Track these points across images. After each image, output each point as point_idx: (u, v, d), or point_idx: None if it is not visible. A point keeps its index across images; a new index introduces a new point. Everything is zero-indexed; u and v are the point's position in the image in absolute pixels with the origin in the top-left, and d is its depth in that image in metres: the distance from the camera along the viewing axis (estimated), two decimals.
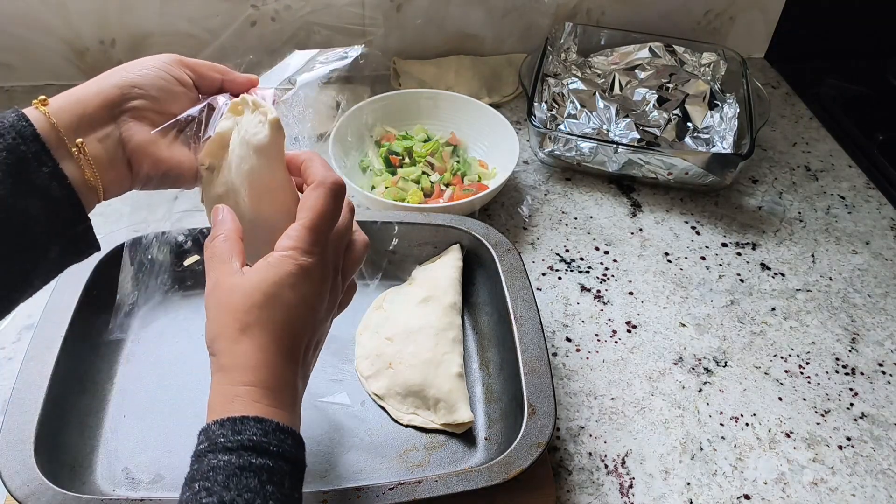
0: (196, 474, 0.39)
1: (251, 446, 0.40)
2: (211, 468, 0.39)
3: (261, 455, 0.40)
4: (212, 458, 0.39)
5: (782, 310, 0.81)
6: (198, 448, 0.41)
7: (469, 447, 0.64)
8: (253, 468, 0.40)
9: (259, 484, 0.39)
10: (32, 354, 0.60)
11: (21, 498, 0.51)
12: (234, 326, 0.43)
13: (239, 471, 0.39)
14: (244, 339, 0.43)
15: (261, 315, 0.43)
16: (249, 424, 0.41)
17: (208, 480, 0.39)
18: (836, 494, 0.64)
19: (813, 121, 1.11)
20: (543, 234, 0.88)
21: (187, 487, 0.40)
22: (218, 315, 0.44)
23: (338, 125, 0.90)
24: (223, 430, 0.40)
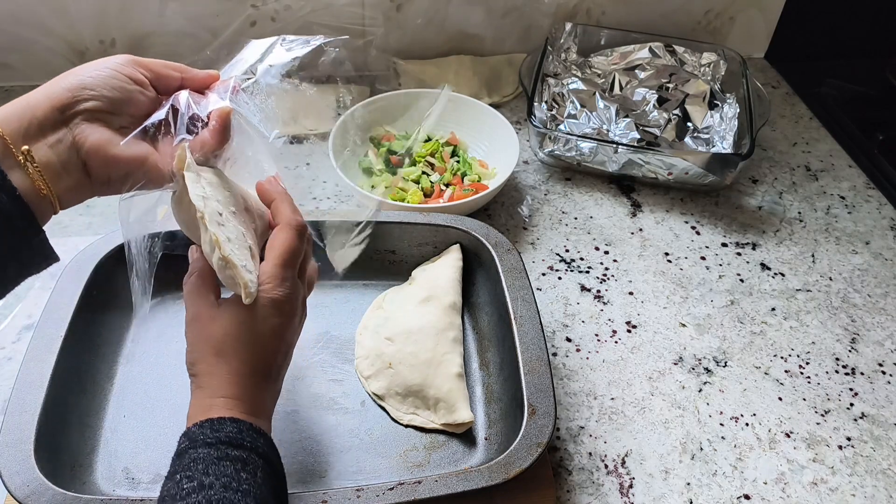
0: (177, 468, 0.43)
1: (228, 441, 0.44)
2: (192, 460, 0.43)
3: (236, 448, 0.44)
4: (192, 453, 0.43)
5: (782, 310, 0.81)
6: (179, 448, 0.45)
7: (469, 447, 0.64)
8: (229, 458, 0.44)
9: (234, 471, 0.43)
10: (32, 354, 0.60)
11: (21, 498, 0.51)
12: (211, 353, 0.48)
13: (217, 460, 0.43)
14: (221, 362, 0.48)
15: (235, 344, 0.48)
16: (226, 423, 0.45)
17: (189, 470, 0.42)
18: (836, 494, 0.64)
19: (813, 121, 1.11)
20: (543, 234, 0.88)
21: (168, 480, 0.43)
22: (197, 343, 0.49)
23: (338, 125, 0.90)
24: (202, 430, 0.45)
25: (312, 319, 0.74)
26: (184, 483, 0.42)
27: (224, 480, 0.42)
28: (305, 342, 0.71)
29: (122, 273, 0.69)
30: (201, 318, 0.50)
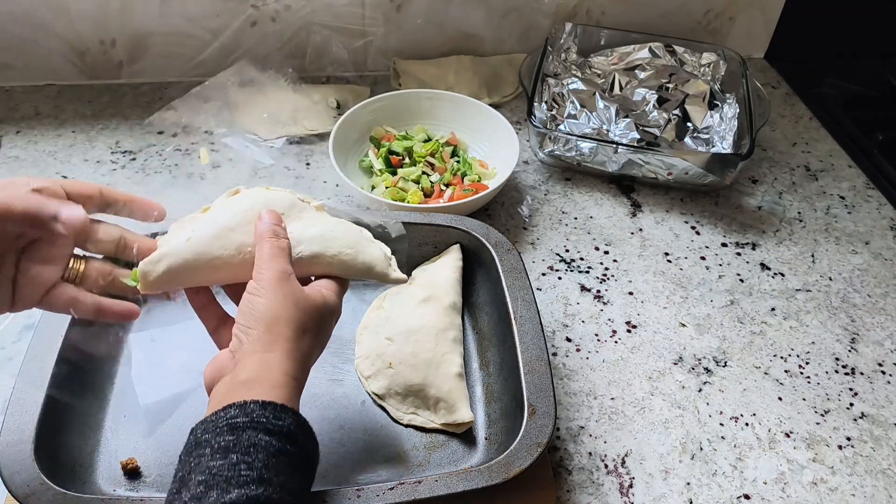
0: (233, 445, 0.41)
1: (288, 434, 0.44)
2: (252, 445, 0.42)
3: (293, 444, 0.44)
4: (252, 435, 0.42)
5: (782, 310, 0.81)
6: (232, 419, 0.43)
7: (469, 447, 0.64)
8: (287, 455, 0.43)
9: (290, 471, 0.43)
10: (32, 354, 0.60)
11: (21, 498, 0.51)
12: (300, 324, 0.50)
13: (277, 454, 0.42)
14: (305, 339, 0.50)
15: (319, 326, 0.52)
16: (289, 414, 0.45)
17: (248, 455, 0.41)
18: (835, 494, 0.64)
19: (813, 121, 1.11)
20: (543, 234, 0.88)
21: (218, 454, 0.41)
22: (287, 305, 0.49)
23: (338, 125, 0.90)
24: (265, 412, 0.44)
25: None
26: (241, 469, 0.40)
27: (282, 479, 0.42)
28: None
29: None
30: (292, 284, 0.51)
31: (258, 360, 0.47)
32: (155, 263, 0.52)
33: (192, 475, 0.41)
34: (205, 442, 0.43)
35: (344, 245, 0.57)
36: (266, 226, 0.53)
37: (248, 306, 0.49)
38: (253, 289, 0.50)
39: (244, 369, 0.47)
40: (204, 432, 0.43)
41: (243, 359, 0.48)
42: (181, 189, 0.91)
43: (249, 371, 0.47)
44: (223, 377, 0.49)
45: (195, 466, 0.42)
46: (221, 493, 0.39)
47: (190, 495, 0.40)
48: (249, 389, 0.45)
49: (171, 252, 0.52)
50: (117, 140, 0.98)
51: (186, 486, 0.41)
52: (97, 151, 0.96)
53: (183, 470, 0.42)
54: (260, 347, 0.48)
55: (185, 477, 0.41)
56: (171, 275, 0.52)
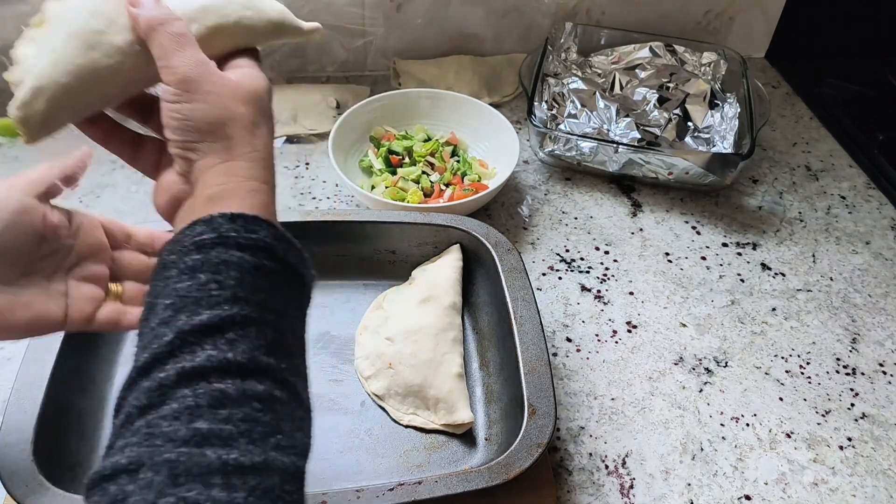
0: (200, 263, 0.37)
1: (264, 247, 0.39)
2: (222, 262, 0.37)
3: (271, 258, 0.39)
4: (222, 252, 0.37)
5: (783, 310, 0.81)
6: (199, 237, 0.38)
7: (469, 447, 0.64)
8: (265, 270, 0.38)
9: (270, 287, 0.38)
10: (32, 354, 0.60)
11: (21, 498, 0.51)
12: (249, 118, 0.42)
13: (253, 270, 0.38)
14: (258, 132, 0.43)
15: (265, 110, 0.44)
16: (262, 227, 0.39)
17: (219, 272, 0.37)
18: (836, 495, 0.64)
19: (813, 121, 1.11)
20: (543, 234, 0.88)
21: (186, 275, 0.37)
22: (224, 101, 0.42)
23: (338, 125, 0.90)
24: (235, 226, 0.38)
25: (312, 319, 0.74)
26: (212, 287, 0.36)
27: (261, 297, 0.37)
28: None
29: None
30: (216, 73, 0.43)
31: (220, 171, 0.41)
32: (30, 103, 0.41)
33: (159, 299, 0.37)
34: (171, 264, 0.38)
35: (240, 6, 0.47)
36: (150, 12, 0.42)
37: (179, 117, 0.41)
38: (173, 95, 0.41)
39: (207, 186, 0.41)
40: (170, 253, 0.39)
41: (202, 176, 0.41)
42: None
43: (213, 186, 0.41)
44: (183, 203, 0.43)
45: (162, 290, 0.37)
46: (191, 314, 0.35)
47: (158, 320, 0.36)
48: (216, 204, 0.40)
49: (42, 81, 0.41)
50: None
51: (154, 311, 0.37)
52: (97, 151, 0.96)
53: (150, 295, 0.38)
54: (216, 159, 0.41)
55: (153, 302, 0.38)
56: (56, 109, 0.42)
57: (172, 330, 0.35)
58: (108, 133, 0.47)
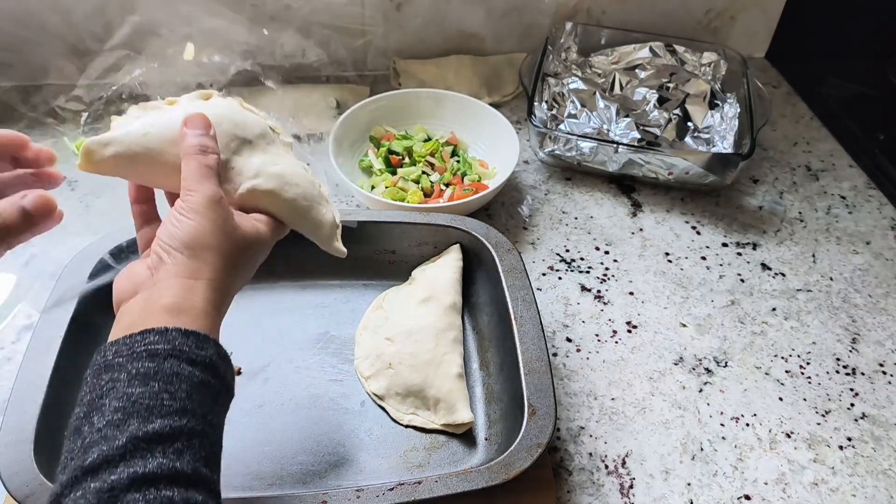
0: (153, 371, 0.40)
1: (210, 365, 0.42)
2: (175, 375, 0.40)
3: (214, 376, 0.43)
4: (174, 364, 0.40)
5: (783, 310, 0.81)
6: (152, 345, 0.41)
7: (469, 447, 0.64)
8: (209, 386, 0.42)
9: (212, 402, 0.42)
10: (32, 354, 0.60)
11: (21, 498, 0.51)
12: (231, 256, 0.47)
13: (200, 385, 0.41)
14: (231, 270, 0.47)
15: (247, 259, 0.49)
16: (210, 345, 0.43)
17: (171, 384, 0.40)
18: (836, 495, 0.64)
19: (814, 120, 1.11)
20: (543, 234, 0.88)
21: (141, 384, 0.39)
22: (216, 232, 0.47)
23: (338, 125, 0.90)
24: (187, 342, 0.42)
25: (313, 319, 0.74)
26: (164, 397, 0.39)
27: (204, 411, 0.41)
28: (305, 342, 0.71)
29: None
30: (223, 209, 0.48)
31: (181, 285, 0.44)
32: (103, 146, 0.48)
33: (106, 400, 0.39)
34: (118, 366, 0.40)
35: (301, 194, 0.54)
36: (194, 139, 0.48)
37: (174, 226, 0.46)
38: (180, 209, 0.46)
39: (165, 292, 0.44)
40: (116, 355, 0.41)
41: (165, 280, 0.45)
42: None
43: (171, 296, 0.44)
44: (136, 293, 0.46)
45: (108, 391, 0.39)
46: (143, 421, 0.37)
47: (105, 421, 0.38)
48: (172, 316, 0.43)
49: (123, 140, 0.48)
50: None
51: (99, 411, 0.38)
52: None
53: (92, 393, 0.40)
54: (184, 272, 0.45)
55: (96, 401, 0.39)
56: (116, 163, 0.49)
57: (125, 434, 0.37)
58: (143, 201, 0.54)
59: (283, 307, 0.74)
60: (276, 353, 0.70)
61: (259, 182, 0.51)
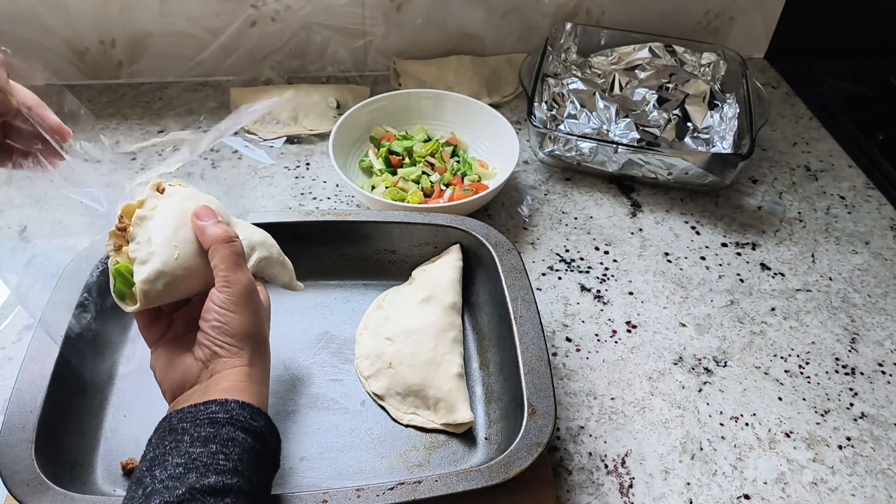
0: (212, 435, 0.45)
1: (260, 436, 0.48)
2: (231, 439, 0.46)
3: (263, 446, 0.48)
4: (230, 431, 0.46)
5: (782, 310, 0.81)
6: (213, 412, 0.47)
7: (469, 447, 0.64)
8: (259, 454, 0.47)
9: (259, 468, 0.47)
10: (32, 354, 0.60)
11: (21, 498, 0.51)
12: (265, 336, 0.55)
13: (251, 452, 0.46)
14: (267, 343, 0.55)
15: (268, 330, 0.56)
16: (261, 417, 0.49)
17: (227, 447, 0.45)
18: (835, 494, 0.64)
19: (813, 121, 1.11)
20: (543, 234, 0.88)
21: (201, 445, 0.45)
22: (258, 320, 0.53)
23: (338, 125, 0.90)
24: (243, 413, 0.48)
25: (313, 319, 0.74)
26: (220, 459, 0.44)
27: (251, 475, 0.46)
28: (305, 342, 0.72)
29: None
30: (256, 294, 0.54)
31: (238, 372, 0.51)
32: (152, 282, 0.51)
33: (169, 457, 0.44)
34: (182, 430, 0.46)
35: (276, 250, 0.62)
36: (216, 229, 0.53)
37: (223, 322, 0.51)
38: (224, 303, 0.51)
39: (225, 379, 0.50)
40: (181, 421, 0.47)
41: (224, 369, 0.51)
42: None
43: (232, 381, 0.50)
44: (193, 386, 0.51)
45: (172, 450, 0.44)
46: (200, 476, 0.43)
47: (167, 475, 0.43)
48: (231, 394, 0.49)
49: (166, 268, 0.52)
50: (117, 140, 0.98)
51: (162, 466, 0.43)
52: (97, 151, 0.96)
53: (155, 451, 0.45)
54: (239, 362, 0.51)
55: (159, 458, 0.44)
56: (167, 292, 0.53)
57: (184, 485, 0.42)
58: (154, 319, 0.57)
59: (284, 307, 0.74)
60: (277, 352, 0.70)
61: (257, 256, 0.58)
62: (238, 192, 0.70)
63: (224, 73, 1.10)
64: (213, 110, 1.04)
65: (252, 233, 0.60)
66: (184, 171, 0.93)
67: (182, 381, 0.52)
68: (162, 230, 0.53)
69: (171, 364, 0.53)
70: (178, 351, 0.53)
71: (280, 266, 0.62)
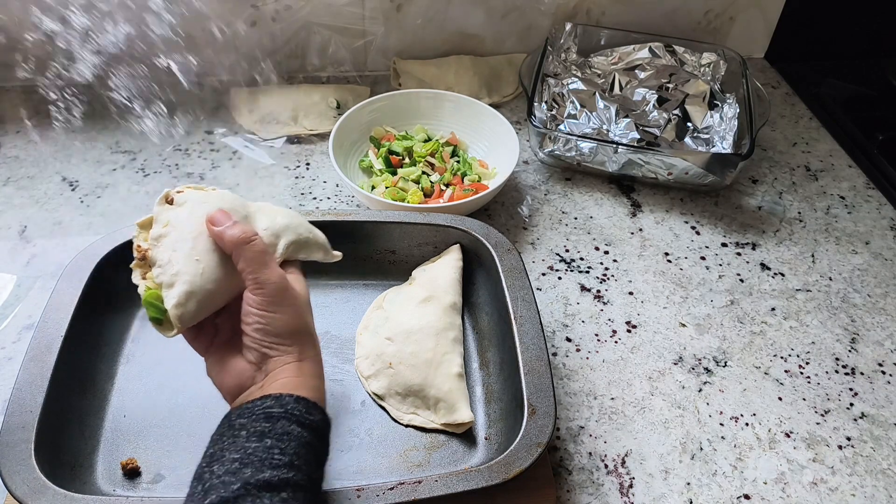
0: (268, 430, 0.46)
1: (316, 429, 0.48)
2: (286, 433, 0.46)
3: (320, 440, 0.48)
4: (286, 425, 0.46)
5: (782, 310, 0.81)
6: (269, 407, 0.47)
7: (469, 447, 0.64)
8: (315, 448, 0.47)
9: (317, 463, 0.47)
10: (32, 354, 0.60)
11: (21, 498, 0.51)
12: (312, 324, 0.55)
13: (307, 446, 0.47)
14: (315, 334, 0.55)
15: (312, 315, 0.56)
16: (317, 411, 0.49)
17: (283, 441, 0.45)
18: (835, 494, 0.64)
19: (813, 121, 1.11)
20: (543, 234, 0.88)
21: (257, 440, 0.45)
22: (298, 314, 0.53)
23: (338, 125, 0.90)
24: (298, 407, 0.48)
25: None
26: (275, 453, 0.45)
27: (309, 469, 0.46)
28: None
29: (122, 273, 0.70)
30: (290, 287, 0.53)
31: (293, 368, 0.51)
32: (183, 304, 0.51)
33: (226, 453, 0.45)
34: (240, 426, 0.46)
35: (304, 228, 0.60)
36: (234, 231, 0.52)
37: (264, 323, 0.51)
38: (260, 304, 0.51)
39: (280, 376, 0.50)
40: (239, 417, 0.47)
41: (277, 368, 0.51)
42: None
43: (286, 378, 0.50)
44: (249, 388, 0.51)
45: (229, 445, 0.45)
46: (255, 471, 0.43)
47: (224, 469, 0.43)
48: (287, 390, 0.49)
49: (194, 287, 0.51)
50: (117, 140, 0.98)
51: (220, 462, 0.44)
52: (97, 151, 0.96)
53: (214, 448, 0.46)
54: (290, 358, 0.51)
55: (217, 454, 0.45)
56: (202, 309, 0.52)
57: (240, 481, 0.43)
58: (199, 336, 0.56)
59: None
60: None
61: (284, 241, 0.57)
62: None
63: (224, 73, 1.10)
64: (213, 110, 1.04)
65: (275, 218, 0.58)
66: (184, 171, 0.93)
67: (239, 385, 0.52)
68: (181, 245, 0.52)
69: (226, 369, 0.53)
70: (229, 354, 0.53)
71: (311, 245, 0.60)
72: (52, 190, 0.90)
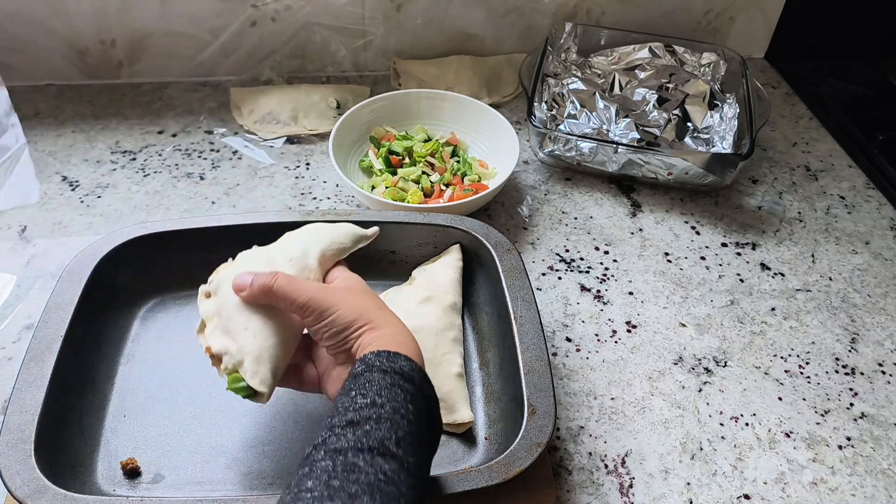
0: (352, 385, 0.48)
1: (401, 372, 0.49)
2: (367, 381, 0.48)
3: (407, 381, 0.49)
4: (368, 375, 0.48)
5: (782, 310, 0.81)
6: (355, 370, 0.49)
7: (469, 447, 0.64)
8: (400, 387, 0.48)
9: (403, 399, 0.47)
10: (32, 354, 0.60)
11: (21, 498, 0.51)
12: (374, 304, 0.56)
13: (390, 386, 0.48)
14: (387, 311, 0.56)
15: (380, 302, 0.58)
16: (400, 357, 0.50)
17: (363, 388, 0.47)
18: (835, 494, 0.64)
19: (813, 121, 1.11)
20: (543, 234, 0.88)
21: (343, 396, 0.48)
22: (348, 299, 0.54)
23: (338, 125, 0.90)
24: (379, 358, 0.49)
25: None
26: (357, 398, 0.46)
27: (394, 405, 0.46)
28: None
29: (122, 273, 0.70)
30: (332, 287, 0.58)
31: (372, 336, 0.52)
32: (256, 373, 0.52)
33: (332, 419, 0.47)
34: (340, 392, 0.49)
35: (325, 235, 0.63)
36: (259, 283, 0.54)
37: (327, 331, 0.53)
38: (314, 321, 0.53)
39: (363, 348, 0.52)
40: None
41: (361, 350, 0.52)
42: (181, 189, 0.91)
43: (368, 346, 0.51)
44: None
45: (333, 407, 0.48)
46: (340, 416, 0.46)
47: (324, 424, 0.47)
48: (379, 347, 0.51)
49: (256, 352, 0.53)
50: (117, 140, 0.98)
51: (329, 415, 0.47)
52: (97, 151, 0.96)
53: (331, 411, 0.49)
54: (368, 335, 0.52)
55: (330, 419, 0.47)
56: (278, 368, 0.54)
57: (326, 428, 0.46)
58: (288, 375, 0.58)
59: None
60: None
61: (313, 257, 0.60)
62: None
63: (224, 73, 1.10)
64: (213, 110, 1.04)
65: (292, 244, 0.60)
66: (184, 171, 0.94)
67: None
68: (230, 326, 0.54)
69: (331, 380, 0.56)
70: (330, 368, 0.56)
71: (341, 245, 0.62)
72: (52, 190, 0.90)
